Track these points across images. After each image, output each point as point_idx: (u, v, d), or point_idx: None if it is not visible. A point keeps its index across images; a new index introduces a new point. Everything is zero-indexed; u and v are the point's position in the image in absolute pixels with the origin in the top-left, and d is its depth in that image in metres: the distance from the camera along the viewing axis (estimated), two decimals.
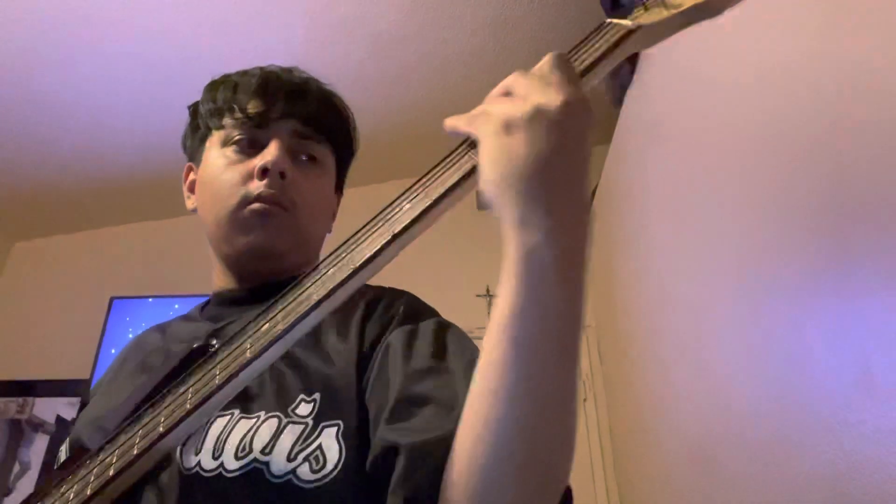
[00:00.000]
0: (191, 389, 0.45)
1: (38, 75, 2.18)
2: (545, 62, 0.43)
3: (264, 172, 0.66)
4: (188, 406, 0.44)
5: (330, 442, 0.51)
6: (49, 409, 2.57)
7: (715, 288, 1.33)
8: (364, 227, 0.45)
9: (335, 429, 0.52)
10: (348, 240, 0.46)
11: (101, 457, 0.47)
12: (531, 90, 0.41)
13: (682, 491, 1.53)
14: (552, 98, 0.40)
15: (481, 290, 2.61)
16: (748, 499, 1.15)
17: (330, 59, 2.28)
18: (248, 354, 0.43)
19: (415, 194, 0.45)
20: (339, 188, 0.81)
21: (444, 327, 0.60)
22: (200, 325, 0.70)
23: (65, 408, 2.56)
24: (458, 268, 2.66)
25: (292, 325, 0.43)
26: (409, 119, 2.59)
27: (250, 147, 0.69)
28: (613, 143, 2.18)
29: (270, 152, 0.67)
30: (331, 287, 0.43)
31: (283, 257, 0.69)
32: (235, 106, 0.70)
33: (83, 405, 0.75)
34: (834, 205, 0.88)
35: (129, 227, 3.01)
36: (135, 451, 0.44)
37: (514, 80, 0.43)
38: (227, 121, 0.71)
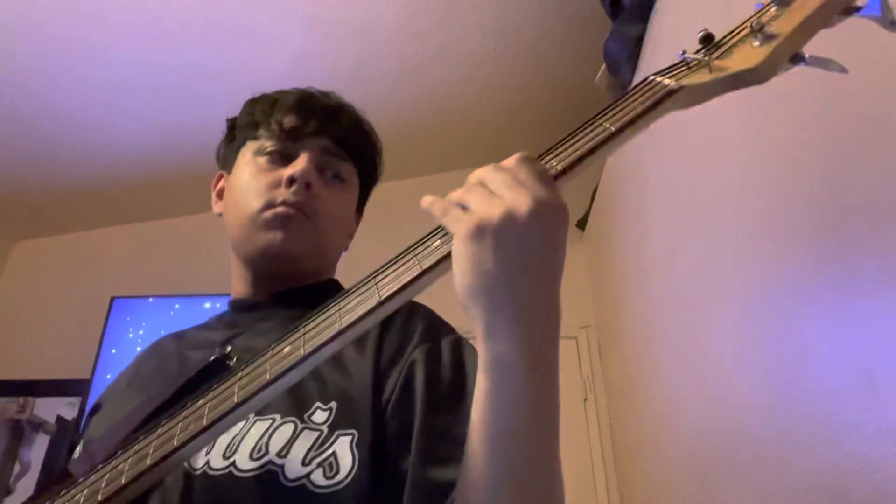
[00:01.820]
0: (208, 405, 0.46)
1: (39, 76, 2.18)
2: (515, 158, 0.43)
3: (291, 181, 0.69)
4: (205, 422, 0.44)
5: (344, 450, 0.53)
6: (49, 409, 2.57)
7: (715, 287, 1.33)
8: (393, 258, 0.46)
9: (350, 438, 0.54)
10: (376, 271, 0.46)
11: (113, 463, 0.48)
12: (505, 189, 0.41)
13: (683, 491, 1.53)
14: (523, 201, 0.40)
15: None
16: (749, 499, 1.15)
17: (330, 60, 2.28)
18: (267, 376, 0.44)
19: (445, 232, 0.46)
20: (359, 210, 0.84)
21: (461, 348, 0.62)
22: (217, 333, 0.71)
23: (65, 408, 2.55)
24: None
25: (314, 352, 0.44)
26: (410, 120, 2.60)
27: (281, 158, 0.73)
28: None
29: (300, 163, 0.70)
30: (354, 318, 0.43)
31: (298, 262, 0.70)
32: (272, 119, 0.74)
33: (83, 405, 0.76)
34: (834, 204, 0.88)
35: (130, 227, 3.01)
36: (148, 462, 0.45)
37: (489, 174, 0.43)
38: (262, 132, 0.74)
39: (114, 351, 2.44)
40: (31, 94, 2.26)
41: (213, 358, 0.57)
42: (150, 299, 2.56)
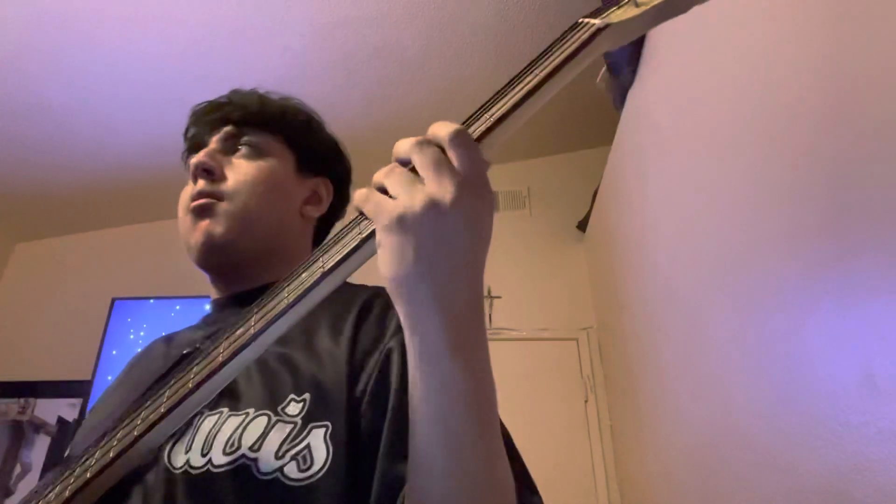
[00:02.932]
0: (167, 394, 0.46)
1: (40, 76, 2.18)
2: (446, 134, 0.41)
3: (194, 178, 0.70)
4: (162, 410, 0.44)
5: (318, 443, 0.52)
6: (50, 410, 2.57)
7: (716, 288, 1.33)
8: (338, 231, 0.46)
9: (323, 430, 0.53)
10: (325, 243, 0.46)
11: (83, 459, 0.47)
12: (429, 172, 0.41)
13: (683, 492, 1.52)
14: (447, 189, 0.40)
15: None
16: (749, 500, 1.14)
17: (328, 63, 2.29)
18: (220, 359, 0.44)
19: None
20: (316, 173, 0.81)
21: None
22: (200, 331, 0.71)
23: (66, 409, 2.56)
24: None
25: (263, 330, 0.43)
26: (412, 120, 2.60)
27: None
28: (615, 144, 2.18)
29: (195, 158, 0.71)
30: (301, 291, 0.43)
31: (236, 245, 0.69)
32: (188, 141, 0.77)
33: (84, 406, 0.77)
34: (834, 205, 0.88)
35: (131, 228, 3.02)
36: (111, 455, 0.44)
37: (414, 152, 0.42)
38: (188, 157, 0.77)
39: (115, 352, 2.44)
40: (32, 97, 2.26)
41: (184, 352, 0.58)
42: (151, 300, 2.57)
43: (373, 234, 0.42)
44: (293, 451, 0.51)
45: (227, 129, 0.74)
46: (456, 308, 0.41)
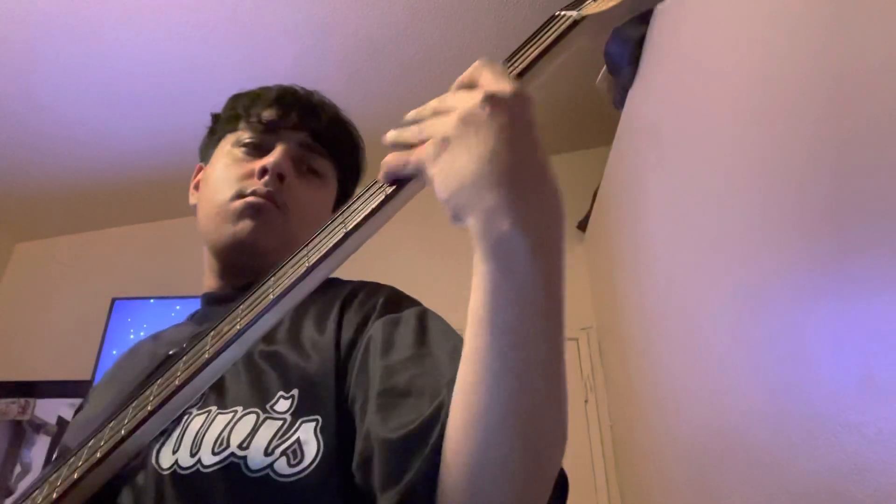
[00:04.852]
0: (153, 392, 0.45)
1: (40, 76, 2.18)
2: (474, 67, 0.43)
3: (264, 172, 0.69)
4: (149, 408, 0.44)
5: (308, 436, 0.51)
6: (50, 410, 2.57)
7: (716, 288, 1.33)
8: (324, 226, 0.46)
9: (313, 424, 0.52)
10: (309, 240, 0.46)
11: (70, 460, 0.47)
12: (452, 103, 0.41)
13: (683, 492, 1.52)
14: (473, 100, 0.40)
15: None
16: (749, 500, 1.14)
17: (331, 61, 2.29)
18: (206, 355, 0.44)
19: (371, 193, 0.45)
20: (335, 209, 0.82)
21: (425, 316, 0.59)
22: (187, 329, 0.71)
23: (66, 409, 2.56)
24: (458, 269, 2.67)
25: (249, 325, 0.43)
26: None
27: (257, 150, 0.72)
28: (615, 144, 2.18)
29: (274, 155, 0.70)
30: (287, 285, 0.43)
31: (267, 256, 0.68)
32: (252, 112, 0.74)
33: (81, 408, 0.76)
34: (834, 205, 0.88)
35: (131, 228, 3.01)
36: (98, 455, 0.44)
37: (436, 102, 0.44)
38: (241, 125, 0.75)
39: (115, 352, 2.44)
40: (32, 96, 2.26)
41: (171, 352, 0.57)
42: (151, 300, 2.57)
43: (356, 227, 0.42)
44: (283, 447, 0.50)
45: (307, 139, 0.73)
46: (533, 198, 0.39)
